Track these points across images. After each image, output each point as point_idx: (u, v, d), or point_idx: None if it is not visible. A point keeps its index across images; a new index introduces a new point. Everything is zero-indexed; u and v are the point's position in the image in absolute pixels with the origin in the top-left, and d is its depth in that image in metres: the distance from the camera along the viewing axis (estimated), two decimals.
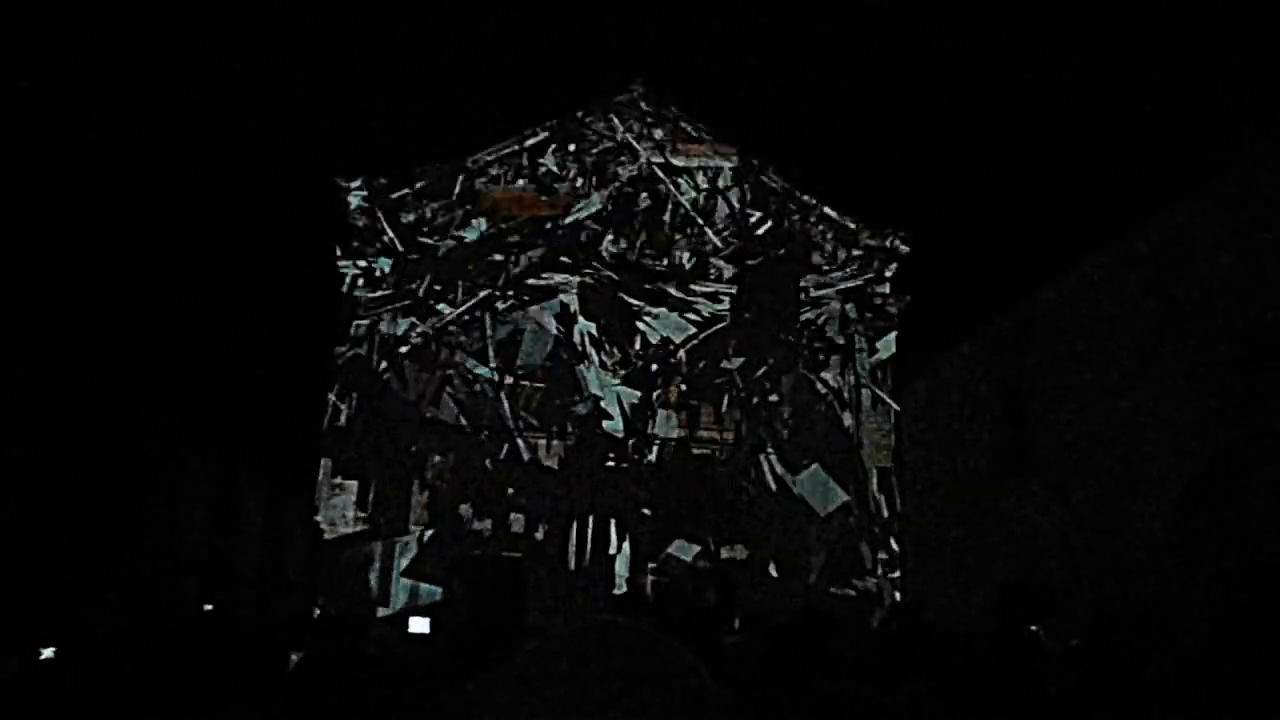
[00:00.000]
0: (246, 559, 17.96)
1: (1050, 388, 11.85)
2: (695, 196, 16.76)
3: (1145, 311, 9.98)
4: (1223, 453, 8.67)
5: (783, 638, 3.66)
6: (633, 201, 16.60)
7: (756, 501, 15.81)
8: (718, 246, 16.54)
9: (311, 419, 15.41)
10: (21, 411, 11.39)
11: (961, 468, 14.12)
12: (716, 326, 16.20)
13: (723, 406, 16.14)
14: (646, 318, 16.08)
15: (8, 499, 11.01)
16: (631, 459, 15.72)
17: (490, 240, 16.09)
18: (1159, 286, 9.76)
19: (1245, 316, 8.48)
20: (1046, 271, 12.20)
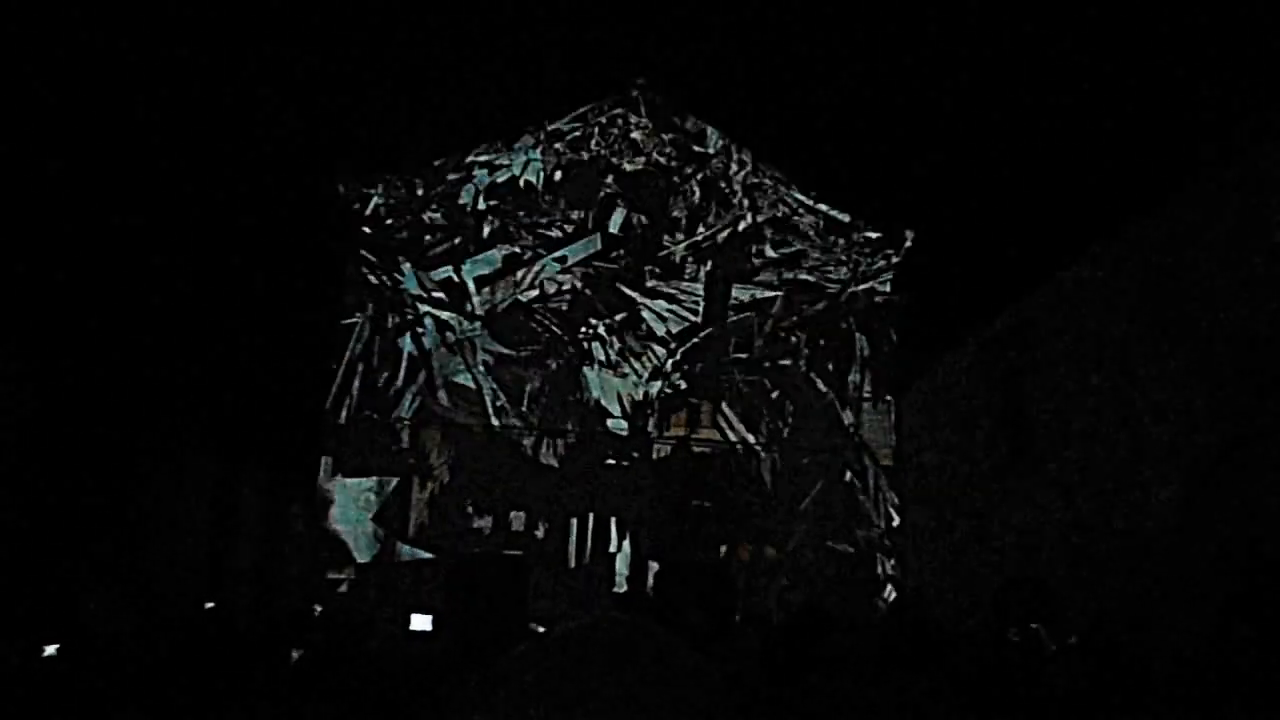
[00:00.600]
0: (246, 557, 17.99)
1: (1051, 385, 11.85)
2: (697, 190, 16.75)
3: (1146, 309, 9.98)
4: (1224, 450, 8.68)
5: (782, 636, 3.66)
6: (636, 194, 16.60)
7: (756, 500, 15.81)
8: (716, 241, 16.55)
9: (311, 417, 15.42)
10: (22, 411, 11.40)
11: (962, 466, 14.12)
12: (717, 323, 16.20)
13: (723, 404, 16.14)
14: (646, 309, 16.09)
15: (8, 498, 11.03)
16: (632, 457, 15.72)
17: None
18: (1160, 284, 9.76)
19: (1246, 314, 8.48)
20: (1048, 269, 12.19)
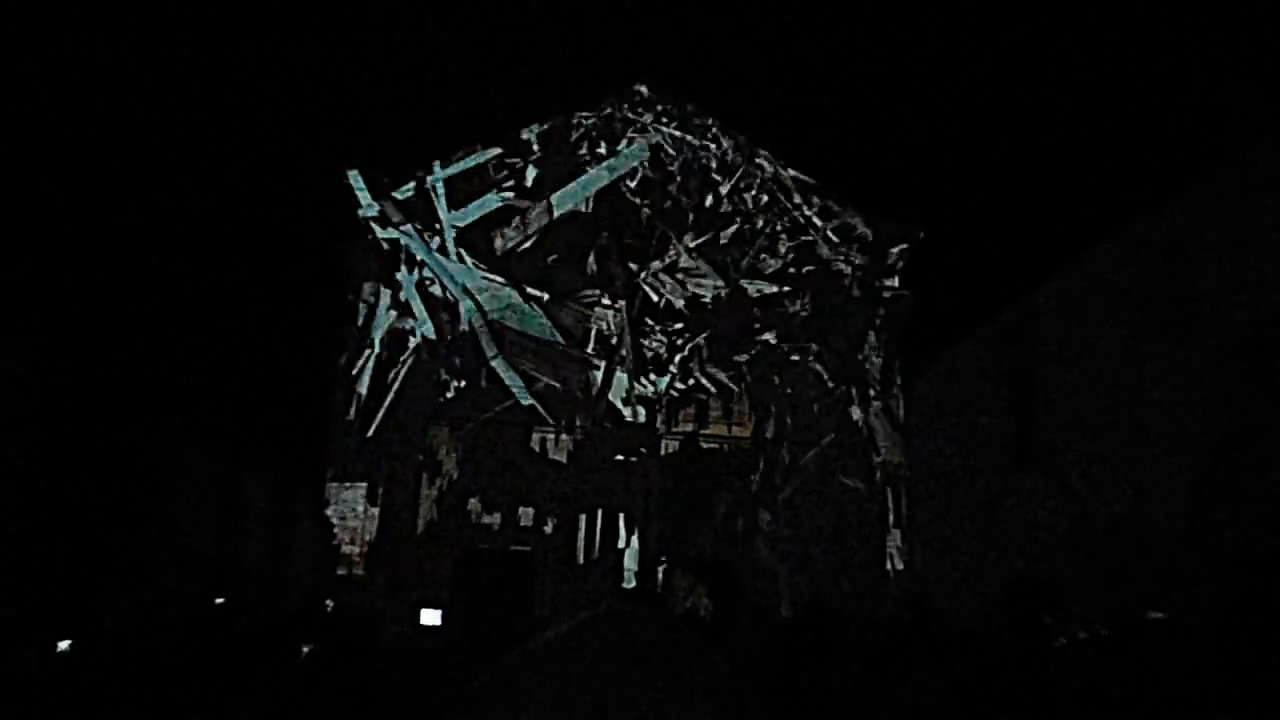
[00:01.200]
0: (254, 552, 18.05)
1: (1059, 379, 11.82)
2: (701, 186, 16.73)
3: (1153, 304, 9.94)
4: (1233, 443, 8.65)
5: (791, 631, 3.66)
6: (638, 190, 16.58)
7: (764, 495, 15.80)
8: (725, 238, 16.53)
9: (319, 412, 15.45)
10: (29, 407, 11.44)
11: (970, 460, 14.10)
12: (726, 319, 16.17)
13: (731, 400, 16.13)
14: (655, 304, 16.08)
15: (16, 494, 11.08)
16: (640, 452, 15.72)
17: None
18: (1167, 278, 9.72)
19: (1252, 309, 8.45)
20: (1055, 263, 12.15)
